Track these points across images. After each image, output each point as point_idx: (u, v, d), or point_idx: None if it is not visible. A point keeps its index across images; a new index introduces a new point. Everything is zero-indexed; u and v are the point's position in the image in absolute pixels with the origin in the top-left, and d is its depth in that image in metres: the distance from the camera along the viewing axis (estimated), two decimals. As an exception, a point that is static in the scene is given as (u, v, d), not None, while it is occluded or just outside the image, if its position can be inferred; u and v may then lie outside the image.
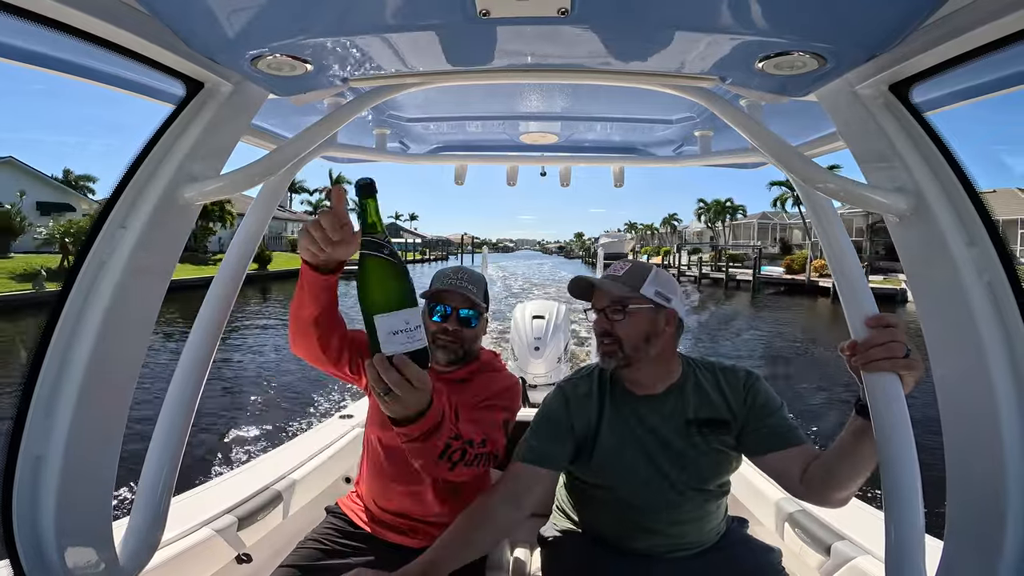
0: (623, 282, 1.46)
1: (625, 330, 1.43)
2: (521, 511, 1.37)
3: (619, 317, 1.43)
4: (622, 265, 1.52)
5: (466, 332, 1.64)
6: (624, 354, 1.43)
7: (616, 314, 1.44)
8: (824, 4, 0.77)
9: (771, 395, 1.47)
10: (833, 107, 1.08)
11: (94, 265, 0.97)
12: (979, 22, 0.77)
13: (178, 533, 1.65)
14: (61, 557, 0.92)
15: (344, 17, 0.85)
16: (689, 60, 1.00)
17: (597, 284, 1.49)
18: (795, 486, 1.35)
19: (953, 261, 0.92)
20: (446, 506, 1.64)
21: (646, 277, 1.46)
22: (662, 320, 1.45)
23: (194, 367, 1.24)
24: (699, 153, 1.82)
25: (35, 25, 0.79)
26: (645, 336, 1.43)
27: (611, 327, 1.44)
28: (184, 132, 1.06)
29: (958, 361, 0.93)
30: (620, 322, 1.43)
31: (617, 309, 1.43)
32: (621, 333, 1.43)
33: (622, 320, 1.43)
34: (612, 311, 1.44)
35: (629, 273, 1.48)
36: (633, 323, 1.43)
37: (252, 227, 1.40)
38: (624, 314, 1.43)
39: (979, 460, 0.89)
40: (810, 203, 1.24)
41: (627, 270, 1.50)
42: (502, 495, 1.38)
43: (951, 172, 0.93)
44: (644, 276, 1.46)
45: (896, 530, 0.95)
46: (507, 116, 1.72)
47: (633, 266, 1.51)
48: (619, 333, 1.43)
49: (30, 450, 0.91)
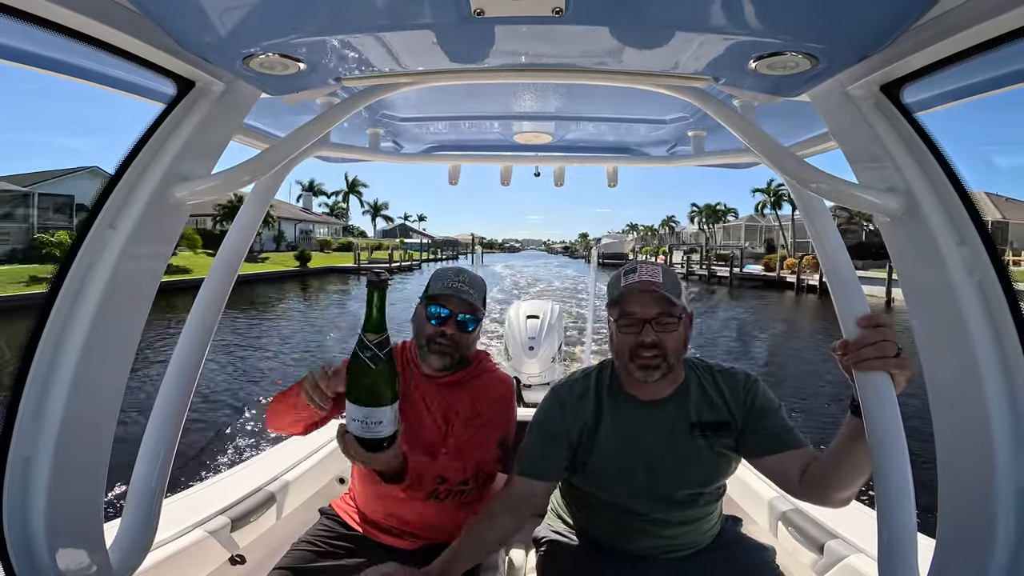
0: (670, 291, 1.36)
1: (673, 341, 1.36)
2: (521, 522, 1.43)
3: (671, 328, 1.36)
4: (653, 270, 1.40)
5: (463, 337, 1.61)
6: (669, 366, 1.37)
7: (667, 325, 1.36)
8: (817, 5, 0.78)
9: (770, 397, 1.46)
10: (825, 107, 1.08)
11: (83, 265, 0.95)
12: (969, 23, 0.77)
13: (171, 534, 1.63)
14: (52, 559, 0.91)
15: (337, 16, 0.84)
16: (683, 60, 1.00)
17: (662, 291, 1.35)
18: (794, 488, 1.34)
19: (944, 261, 0.92)
20: (438, 510, 1.63)
21: (680, 283, 1.40)
22: (687, 325, 1.42)
23: (185, 368, 1.23)
24: (692, 153, 1.82)
25: (24, 24, 0.78)
26: (684, 345, 1.40)
27: (659, 339, 1.35)
28: (175, 131, 1.05)
29: (949, 360, 0.93)
30: (670, 334, 1.36)
31: (669, 320, 1.36)
32: (669, 345, 1.36)
33: (674, 332, 1.36)
34: (661, 322, 1.36)
35: (668, 281, 1.38)
36: (680, 334, 1.38)
37: (244, 227, 1.39)
38: (678, 325, 1.37)
39: (970, 458, 0.90)
40: (802, 203, 1.24)
41: (663, 275, 1.38)
42: (503, 505, 1.43)
43: (942, 172, 0.93)
44: (678, 282, 1.40)
45: (888, 528, 0.95)
46: (501, 116, 1.72)
47: (665, 271, 1.40)
48: (668, 345, 1.36)
49: (19, 451, 0.90)
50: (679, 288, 1.39)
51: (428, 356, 1.61)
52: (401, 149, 2.08)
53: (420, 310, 1.65)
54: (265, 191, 1.43)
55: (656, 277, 1.37)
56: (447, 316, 1.58)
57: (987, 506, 0.87)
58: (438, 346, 1.59)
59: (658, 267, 1.41)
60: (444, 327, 1.58)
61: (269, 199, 1.45)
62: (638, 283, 1.37)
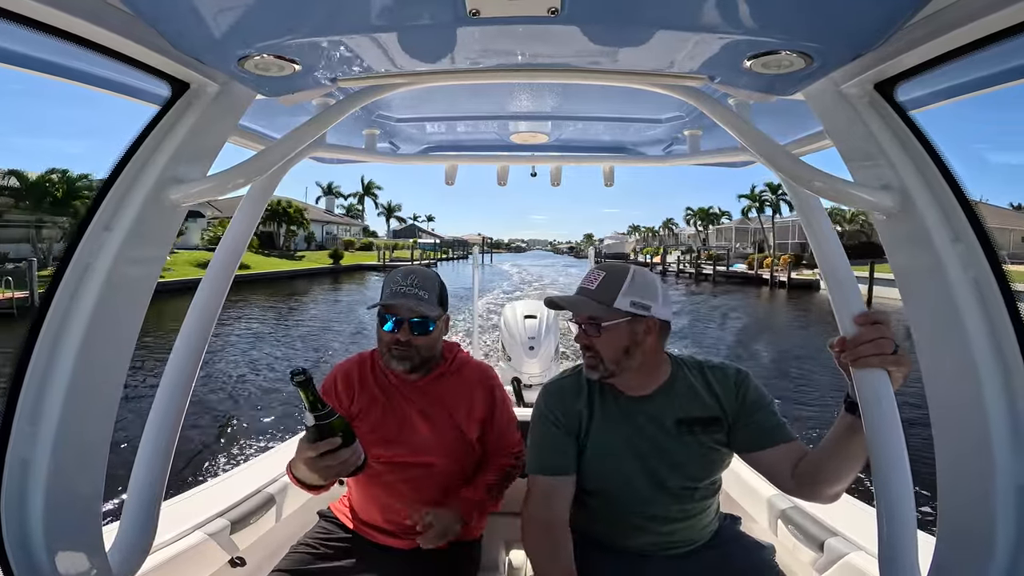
0: (595, 297, 1.40)
1: (602, 345, 1.39)
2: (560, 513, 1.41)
3: (595, 333, 1.39)
4: (596, 276, 1.44)
5: (420, 340, 1.59)
6: (605, 368, 1.41)
7: (592, 330, 1.40)
8: (811, 4, 0.78)
9: (761, 392, 1.47)
10: (819, 106, 1.08)
11: (79, 268, 0.95)
12: (963, 21, 0.78)
13: (170, 537, 1.63)
14: (51, 563, 0.91)
15: (333, 17, 0.84)
16: (678, 59, 1.00)
17: (566, 305, 1.43)
18: (786, 482, 1.35)
19: (939, 257, 0.93)
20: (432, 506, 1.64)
21: (620, 287, 1.39)
22: (641, 330, 1.40)
23: (183, 369, 1.23)
24: (688, 152, 1.82)
25: (16, 25, 0.77)
26: (624, 349, 1.39)
27: (590, 341, 1.41)
28: (170, 133, 1.04)
29: (946, 357, 0.94)
30: (597, 338, 1.39)
31: (592, 326, 1.40)
32: (599, 348, 1.40)
33: (598, 336, 1.39)
34: (588, 327, 1.41)
35: (602, 286, 1.41)
36: (610, 338, 1.39)
37: (240, 229, 1.38)
38: (600, 331, 1.39)
39: (968, 455, 0.90)
40: (798, 201, 1.24)
41: (600, 282, 1.42)
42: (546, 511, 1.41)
43: (936, 170, 0.94)
44: (618, 287, 1.39)
45: (888, 526, 0.96)
46: (497, 116, 1.72)
47: (607, 276, 1.42)
48: (598, 348, 1.40)
49: (16, 454, 0.89)
50: (613, 296, 1.38)
51: (390, 361, 1.60)
52: (397, 150, 2.08)
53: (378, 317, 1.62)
54: (261, 193, 1.43)
55: (590, 284, 1.43)
56: (400, 322, 1.57)
57: (987, 503, 0.88)
58: (397, 351, 1.58)
59: (602, 272, 1.44)
60: (398, 333, 1.57)
61: (266, 201, 1.45)
62: (577, 289, 1.47)
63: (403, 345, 1.57)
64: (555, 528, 1.38)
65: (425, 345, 1.60)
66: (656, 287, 1.43)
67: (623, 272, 1.43)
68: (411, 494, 1.62)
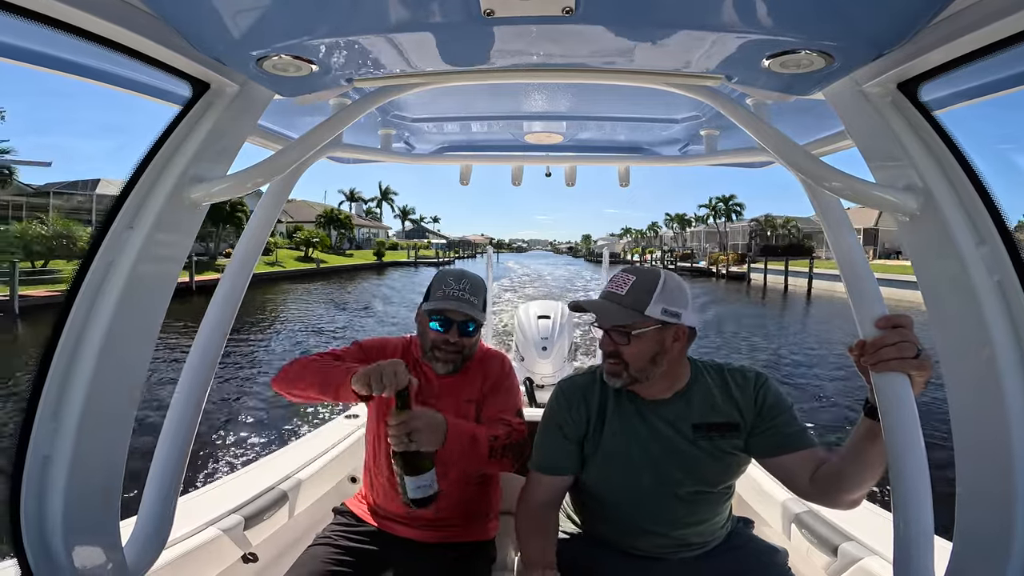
0: (625, 304, 1.34)
1: (630, 353, 1.34)
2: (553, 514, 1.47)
3: (623, 341, 1.34)
4: (625, 280, 1.38)
5: (466, 341, 1.64)
6: (629, 375, 1.37)
7: (620, 337, 1.35)
8: (831, 2, 0.77)
9: (781, 396, 1.44)
10: (841, 106, 1.07)
11: (102, 265, 0.97)
12: (987, 20, 0.76)
13: (185, 533, 1.65)
14: (68, 556, 0.93)
15: (349, 17, 0.85)
16: (695, 59, 0.99)
17: (596, 311, 1.37)
18: (804, 489, 1.33)
19: (963, 260, 0.91)
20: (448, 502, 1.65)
21: (652, 294, 1.33)
22: (670, 338, 1.36)
23: (201, 367, 1.25)
24: (705, 153, 1.81)
25: (44, 27, 0.79)
26: (651, 357, 1.35)
27: (616, 348, 1.36)
28: (191, 133, 1.06)
29: (968, 362, 0.92)
30: (625, 346, 1.34)
31: (621, 333, 1.35)
32: (626, 356, 1.35)
33: (627, 344, 1.34)
34: (616, 334, 1.36)
35: (633, 292, 1.35)
36: (639, 346, 1.34)
37: (259, 227, 1.40)
38: (628, 339, 1.34)
39: (989, 461, 0.89)
40: (818, 203, 1.21)
41: (630, 287, 1.36)
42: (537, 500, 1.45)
43: (960, 171, 0.92)
44: (650, 293, 1.33)
45: (904, 531, 0.94)
46: (512, 116, 1.72)
47: (637, 281, 1.36)
48: (624, 356, 1.35)
49: (38, 450, 0.91)
50: (645, 302, 1.33)
51: (434, 362, 1.64)
52: (413, 150, 2.09)
53: (423, 317, 1.65)
54: (279, 192, 1.44)
55: (619, 289, 1.37)
56: (450, 323, 1.60)
57: (1006, 509, 0.86)
58: (442, 352, 1.61)
59: (631, 276, 1.38)
60: (447, 335, 1.60)
61: (283, 200, 1.46)
62: (603, 293, 1.43)
63: (451, 346, 1.61)
64: (540, 512, 1.43)
65: (469, 345, 1.65)
66: (686, 293, 1.40)
67: (654, 277, 1.38)
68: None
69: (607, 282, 1.43)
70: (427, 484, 1.33)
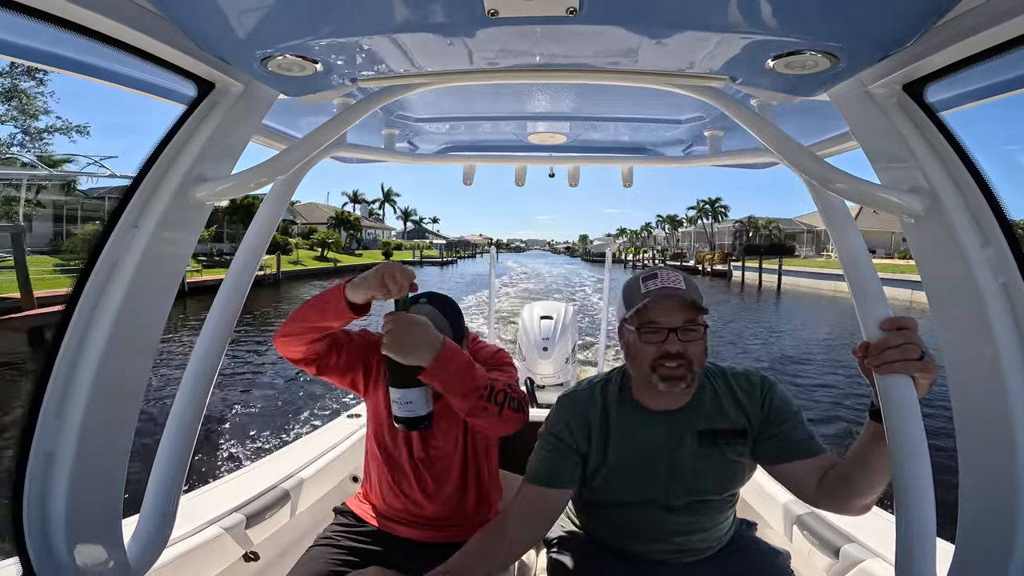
0: (696, 297, 1.29)
1: (697, 350, 1.29)
2: (536, 532, 1.37)
3: (696, 337, 1.28)
4: (675, 276, 1.32)
5: None
6: (694, 376, 1.30)
7: (692, 334, 1.28)
8: (836, 3, 0.77)
9: (788, 400, 1.41)
10: (846, 107, 1.06)
11: (107, 264, 0.97)
12: (993, 21, 0.76)
13: (186, 531, 1.66)
14: (70, 554, 0.93)
15: (353, 18, 0.85)
16: (699, 59, 0.99)
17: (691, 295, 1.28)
18: (811, 495, 1.30)
19: (968, 262, 0.90)
20: (449, 502, 1.65)
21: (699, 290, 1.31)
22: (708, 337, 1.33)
23: (204, 366, 1.25)
24: (709, 153, 1.80)
25: (50, 26, 0.80)
26: (705, 353, 1.33)
27: (684, 348, 1.27)
28: (196, 132, 1.07)
29: (972, 363, 0.92)
30: (694, 343, 1.28)
31: (695, 329, 1.28)
32: (693, 354, 1.28)
33: (698, 341, 1.29)
34: (687, 331, 1.28)
35: (691, 287, 1.31)
36: (703, 343, 1.30)
37: (262, 227, 1.41)
38: (702, 333, 1.29)
39: (992, 463, 0.88)
40: (822, 204, 1.20)
41: (685, 280, 1.31)
42: (517, 514, 1.35)
43: (966, 172, 0.91)
44: (699, 290, 1.32)
45: (907, 533, 0.93)
46: (515, 116, 1.72)
47: (687, 278, 1.32)
48: (691, 354, 1.28)
49: (41, 447, 0.92)
50: (700, 293, 1.31)
51: None
52: (416, 150, 2.09)
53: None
54: (283, 191, 1.45)
55: (678, 284, 1.31)
56: None
57: (1009, 512, 0.86)
58: None
59: (679, 273, 1.35)
60: None
61: (287, 199, 1.46)
62: (661, 289, 1.30)
63: None
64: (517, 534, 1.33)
65: None
66: None
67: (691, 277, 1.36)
68: (433, 485, 1.65)
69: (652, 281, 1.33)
70: (410, 401, 1.30)
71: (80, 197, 29.79)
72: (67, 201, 28.41)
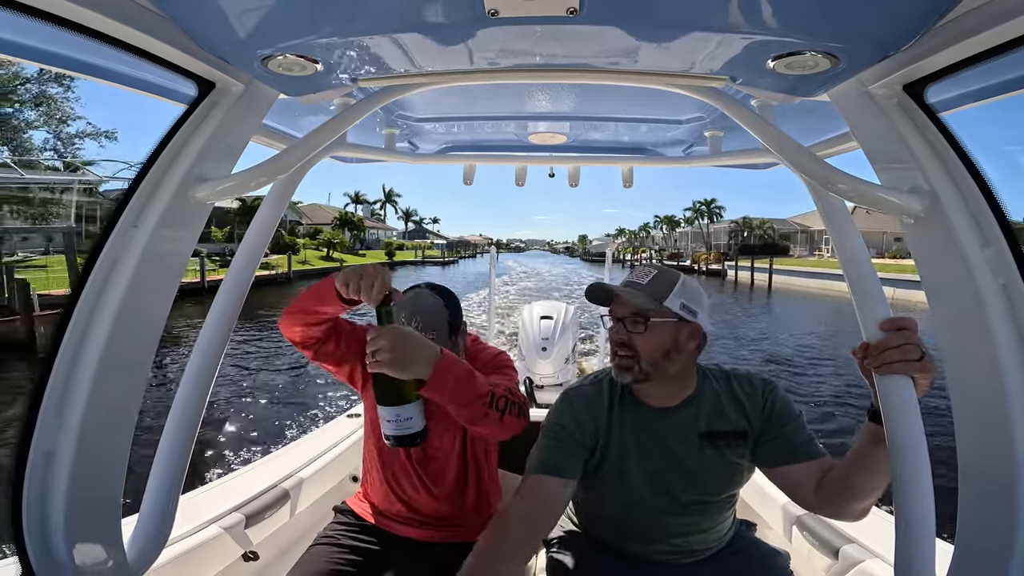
0: (647, 292, 1.33)
1: (644, 344, 1.31)
2: (538, 532, 1.30)
3: (639, 330, 1.32)
4: (646, 272, 1.38)
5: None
6: (641, 369, 1.33)
7: (636, 326, 1.32)
8: (837, 3, 0.77)
9: (789, 404, 1.41)
10: (846, 107, 1.06)
11: (107, 263, 0.97)
12: (994, 21, 0.76)
13: (186, 531, 1.66)
14: (70, 553, 0.93)
15: (353, 17, 0.85)
16: (699, 60, 0.99)
17: (617, 292, 1.35)
18: (808, 500, 1.30)
19: (968, 263, 0.90)
20: (448, 501, 1.66)
21: (672, 288, 1.33)
22: (685, 335, 1.34)
23: (204, 367, 1.25)
24: (709, 154, 1.80)
25: (50, 25, 0.80)
26: (665, 352, 1.32)
27: (629, 339, 1.33)
28: (196, 132, 1.07)
29: (972, 364, 0.92)
30: (640, 335, 1.31)
31: (637, 321, 1.32)
32: (640, 347, 1.32)
33: (642, 333, 1.31)
34: (632, 322, 1.33)
35: (654, 282, 1.35)
36: (654, 337, 1.31)
37: (262, 227, 1.41)
38: (645, 327, 1.31)
39: (992, 463, 0.88)
40: (822, 204, 1.20)
41: (652, 278, 1.36)
42: (519, 514, 1.28)
43: (966, 173, 0.91)
44: (671, 287, 1.33)
45: (907, 534, 0.93)
46: (516, 116, 1.72)
47: (659, 274, 1.37)
48: (638, 346, 1.32)
49: (41, 446, 0.92)
50: (665, 293, 1.32)
51: None
52: (416, 149, 2.09)
53: None
54: (283, 191, 1.45)
55: (640, 279, 1.37)
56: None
57: (1008, 513, 0.86)
58: None
59: (653, 270, 1.39)
60: None
61: (287, 199, 1.46)
62: (623, 282, 1.41)
63: None
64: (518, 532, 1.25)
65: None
66: (704, 296, 1.39)
67: (675, 275, 1.38)
68: (432, 484, 1.65)
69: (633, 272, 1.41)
70: (410, 417, 1.21)
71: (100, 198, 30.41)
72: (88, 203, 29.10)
